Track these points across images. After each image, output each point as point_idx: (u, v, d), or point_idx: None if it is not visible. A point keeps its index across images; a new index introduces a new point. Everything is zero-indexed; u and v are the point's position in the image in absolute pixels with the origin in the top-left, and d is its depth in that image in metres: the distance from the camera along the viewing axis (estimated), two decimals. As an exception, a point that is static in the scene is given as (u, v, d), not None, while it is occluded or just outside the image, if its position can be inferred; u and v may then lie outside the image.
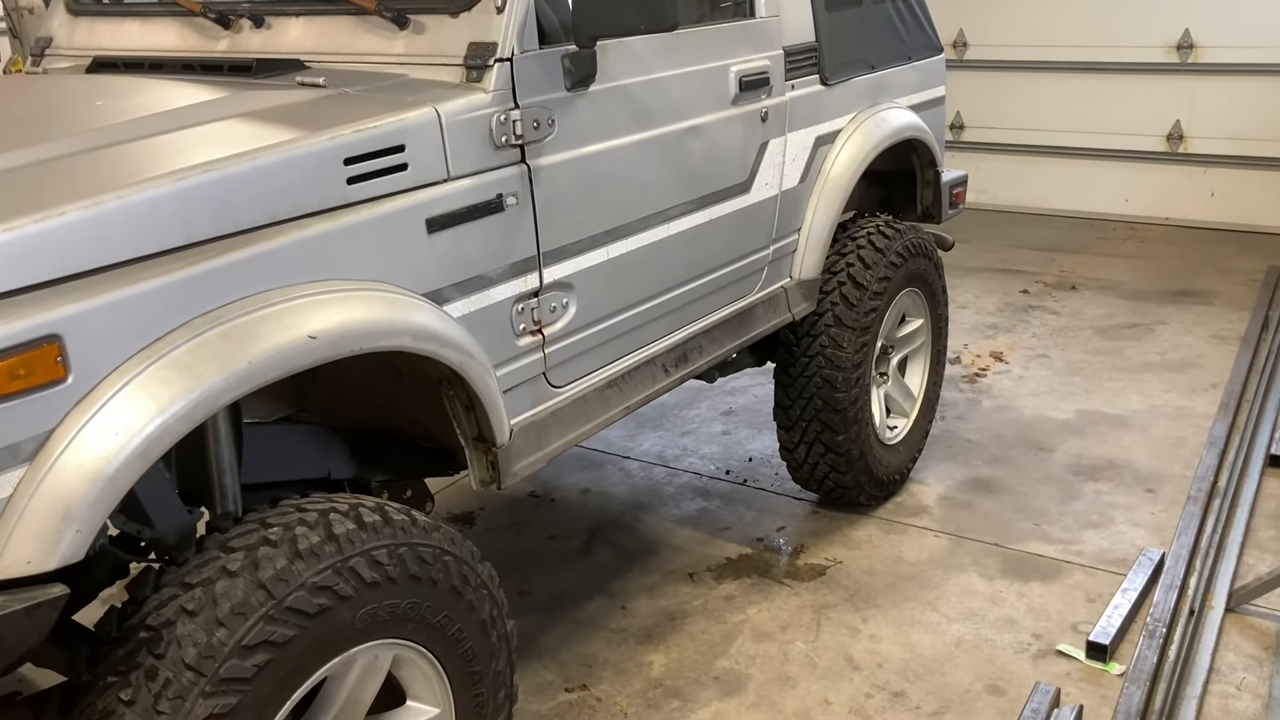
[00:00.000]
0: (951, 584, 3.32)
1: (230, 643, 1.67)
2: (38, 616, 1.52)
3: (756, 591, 3.32)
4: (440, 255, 2.14)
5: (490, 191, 2.22)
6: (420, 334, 2.04)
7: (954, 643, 3.04)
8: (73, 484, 1.55)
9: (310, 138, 1.95)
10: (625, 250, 2.60)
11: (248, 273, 1.81)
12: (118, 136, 1.98)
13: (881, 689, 2.86)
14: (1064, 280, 6.11)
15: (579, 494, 3.98)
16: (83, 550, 1.57)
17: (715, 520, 3.75)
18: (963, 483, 3.93)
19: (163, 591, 1.73)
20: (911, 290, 3.69)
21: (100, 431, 1.58)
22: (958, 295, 5.69)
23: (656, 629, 3.15)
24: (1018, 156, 7.51)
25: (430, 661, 2.02)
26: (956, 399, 4.62)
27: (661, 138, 2.65)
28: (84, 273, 1.64)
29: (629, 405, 2.72)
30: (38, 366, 1.54)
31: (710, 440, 4.36)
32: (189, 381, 1.66)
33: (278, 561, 1.75)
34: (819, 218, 3.31)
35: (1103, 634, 2.96)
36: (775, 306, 3.24)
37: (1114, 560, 3.40)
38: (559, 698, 2.87)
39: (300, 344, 1.81)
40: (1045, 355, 5.08)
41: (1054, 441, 4.23)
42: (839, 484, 3.60)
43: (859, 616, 3.17)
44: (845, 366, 3.38)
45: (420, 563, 1.94)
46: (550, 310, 2.43)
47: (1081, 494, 3.83)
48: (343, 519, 1.86)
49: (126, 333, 1.65)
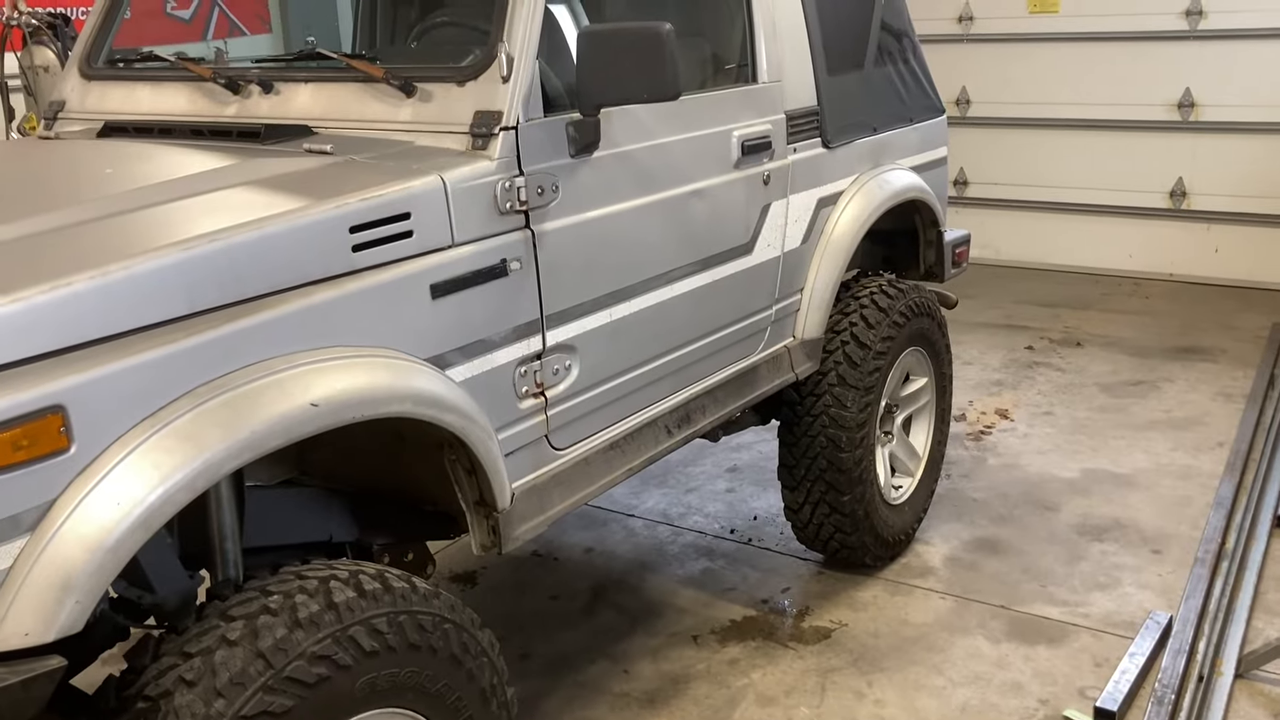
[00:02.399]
0: (957, 647, 3.29)
1: (229, 713, 1.66)
2: (34, 689, 1.51)
3: (761, 655, 3.29)
4: (444, 320, 2.15)
5: (494, 257, 2.24)
6: (422, 399, 2.04)
7: (959, 708, 3.00)
8: (73, 555, 1.55)
9: (316, 206, 1.97)
10: (628, 312, 2.61)
11: (251, 341, 1.82)
12: (126, 205, 2.00)
13: (887, 756, 2.83)
14: (1069, 336, 6.12)
15: (582, 553, 3.96)
16: (82, 621, 1.57)
17: (719, 580, 3.73)
18: (968, 543, 3.91)
19: (161, 661, 1.72)
20: (915, 349, 3.70)
21: (102, 502, 1.59)
22: (962, 351, 5.69)
23: (660, 693, 3.12)
24: (1021, 212, 7.56)
25: (429, 730, 2.00)
26: (962, 457, 4.61)
27: (664, 201, 2.67)
28: (88, 343, 1.65)
29: (631, 467, 2.72)
30: (41, 437, 1.55)
31: (715, 498, 4.34)
32: (191, 450, 1.67)
33: (277, 631, 1.74)
34: (821, 278, 3.33)
35: (1110, 700, 2.93)
36: (778, 366, 3.25)
37: (1121, 623, 3.37)
38: (560, 764, 2.84)
39: (303, 412, 1.82)
40: (1050, 412, 5.07)
41: (1060, 500, 4.21)
42: (844, 544, 3.58)
43: (864, 680, 3.14)
44: (850, 426, 3.38)
45: (420, 631, 1.93)
46: (553, 372, 2.44)
47: (1088, 554, 3.80)
48: (343, 587, 1.86)
49: (130, 402, 1.65)
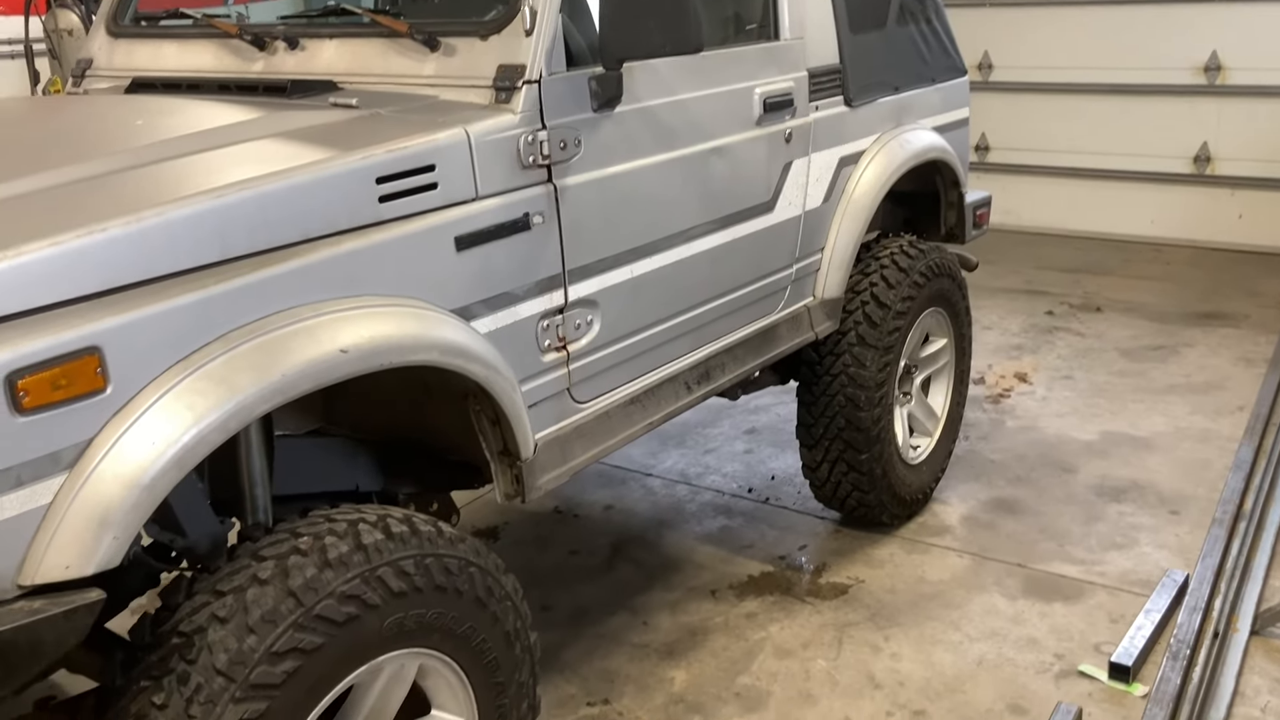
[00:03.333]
0: (974, 604, 3.32)
1: (260, 649, 1.71)
2: (75, 620, 1.56)
3: (778, 609, 3.33)
4: (468, 272, 2.18)
5: (517, 210, 2.26)
6: (448, 349, 2.08)
7: (976, 662, 3.04)
8: (111, 491, 1.60)
9: (343, 157, 1.99)
10: (649, 269, 2.63)
11: (282, 288, 1.85)
12: (157, 155, 2.04)
13: (902, 707, 2.86)
14: (1089, 302, 6.10)
15: (602, 510, 4.01)
16: (119, 556, 1.62)
17: (737, 538, 3.77)
18: (986, 503, 3.93)
19: (195, 599, 1.77)
20: (935, 310, 3.71)
21: (138, 441, 1.63)
22: (982, 316, 5.69)
23: (678, 645, 3.16)
24: (1043, 178, 7.52)
25: (455, 671, 2.04)
26: (980, 419, 4.62)
27: (686, 158, 2.69)
28: (124, 287, 1.68)
29: (651, 421, 2.75)
30: (78, 377, 1.59)
31: (733, 458, 4.38)
32: (224, 393, 1.71)
33: (307, 570, 1.79)
34: (842, 237, 3.34)
35: (1125, 655, 2.95)
36: (798, 325, 3.27)
37: (1137, 581, 3.39)
38: (581, 711, 2.89)
39: (332, 358, 1.85)
40: (1070, 376, 5.07)
41: (1078, 462, 4.22)
42: (861, 503, 3.61)
43: (881, 635, 3.18)
44: (868, 385, 3.40)
45: (446, 573, 1.97)
46: (575, 327, 2.47)
47: (1105, 515, 3.82)
48: (371, 529, 1.90)
49: (164, 345, 1.69)
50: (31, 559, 1.57)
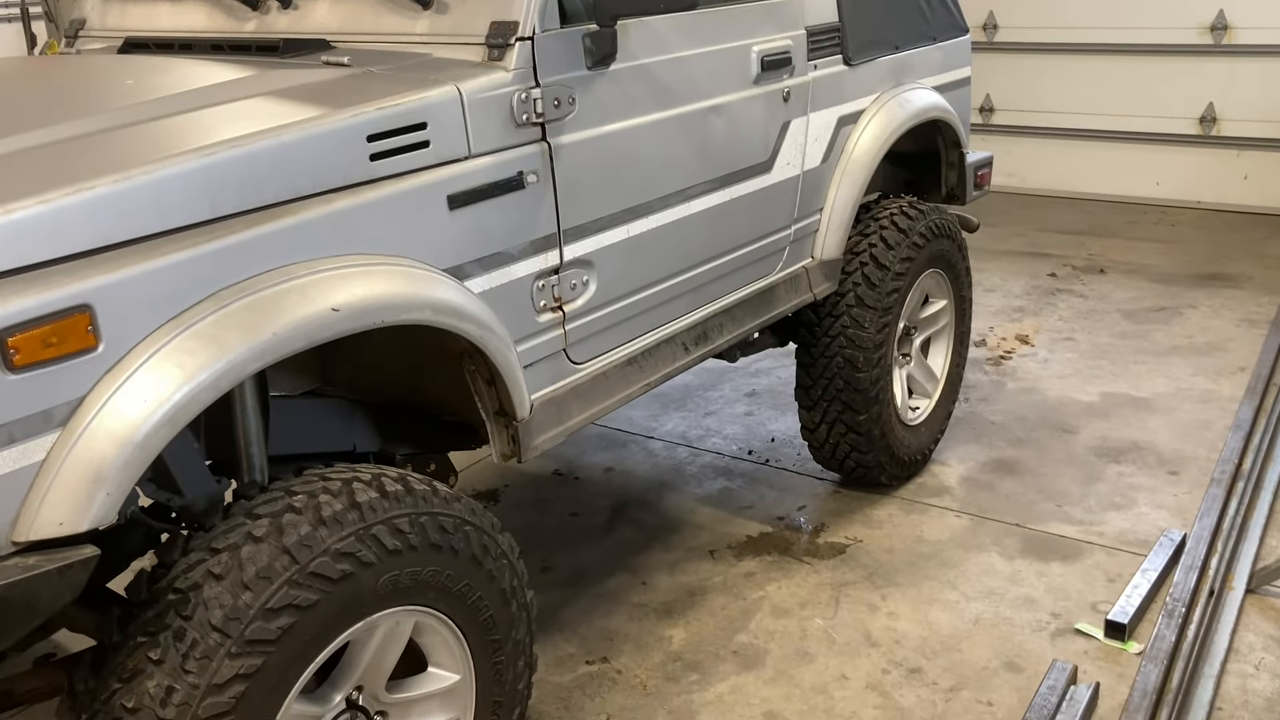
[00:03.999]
0: (971, 563, 3.33)
1: (255, 605, 1.72)
2: (70, 576, 1.57)
3: (776, 569, 3.34)
4: (461, 231, 2.17)
5: (511, 169, 2.25)
6: (441, 308, 2.07)
7: (972, 621, 3.06)
8: (103, 449, 1.60)
9: (334, 115, 1.98)
10: (645, 229, 2.62)
11: (272, 246, 1.85)
12: (147, 113, 2.03)
13: (899, 665, 2.88)
14: (1092, 264, 6.08)
15: (602, 473, 4.02)
16: (113, 514, 1.62)
17: (737, 499, 3.78)
18: (985, 464, 3.94)
19: (190, 556, 1.78)
20: (935, 271, 3.70)
21: (130, 399, 1.63)
22: (984, 278, 5.68)
23: (677, 604, 3.18)
24: (1048, 139, 7.47)
25: (451, 629, 2.06)
26: (981, 381, 4.62)
27: (682, 117, 2.67)
28: (114, 245, 1.68)
29: (649, 383, 2.75)
30: (69, 335, 1.59)
31: (733, 421, 4.38)
32: (215, 351, 1.71)
33: (302, 528, 1.79)
34: (841, 198, 3.32)
35: (1121, 613, 2.97)
36: (797, 286, 3.26)
37: (1135, 541, 3.40)
38: (580, 670, 2.91)
39: (323, 316, 1.85)
40: (1071, 338, 5.06)
41: (1078, 424, 4.22)
42: (860, 464, 3.62)
43: (878, 594, 3.20)
44: (867, 347, 3.39)
45: (441, 531, 1.98)
46: (570, 287, 2.46)
47: (1104, 476, 3.82)
48: (365, 488, 1.91)
49: (154, 303, 1.69)
50: (25, 516, 1.57)
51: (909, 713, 2.70)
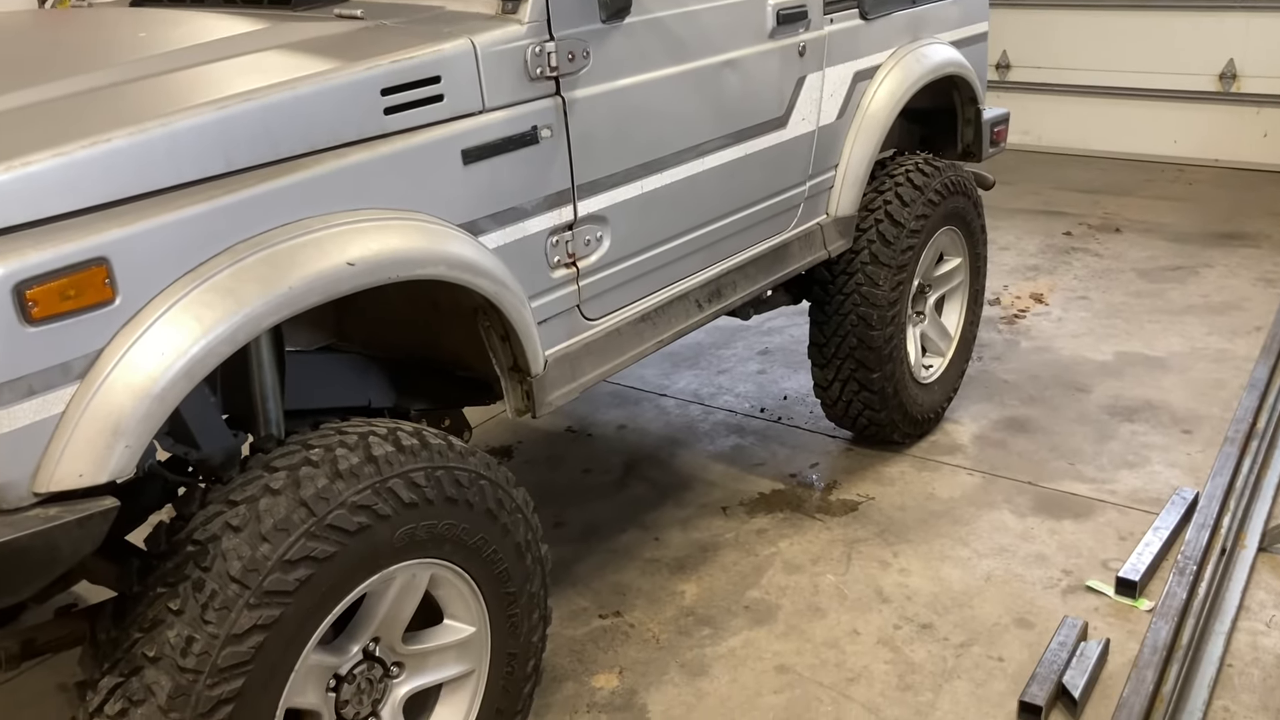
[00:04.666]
0: (983, 520, 3.34)
1: (273, 557, 1.73)
2: (90, 527, 1.58)
3: (788, 525, 3.36)
4: (476, 186, 2.17)
5: (525, 123, 2.23)
6: (456, 264, 2.07)
7: (983, 577, 3.07)
8: (122, 401, 1.61)
9: (348, 68, 1.97)
10: (659, 184, 2.61)
11: (287, 200, 1.84)
12: (160, 67, 2.02)
13: (910, 620, 2.90)
14: (1108, 222, 6.03)
15: (615, 430, 4.03)
16: (132, 466, 1.64)
17: (749, 456, 3.79)
18: (998, 422, 3.94)
19: (208, 508, 1.79)
20: (950, 229, 3.68)
21: (147, 352, 1.64)
22: (999, 237, 5.64)
23: (689, 560, 3.20)
24: (1064, 97, 7.38)
25: (466, 582, 2.08)
26: (995, 340, 4.60)
27: (697, 71, 2.64)
28: (129, 198, 1.68)
29: (662, 339, 2.75)
30: (87, 288, 1.59)
31: (746, 379, 4.38)
32: (231, 305, 1.71)
33: (319, 481, 1.81)
34: (857, 154, 3.30)
35: (1132, 570, 2.98)
36: (811, 244, 3.24)
37: (1147, 500, 3.40)
38: (593, 623, 2.94)
39: (339, 270, 1.85)
40: (1086, 297, 5.04)
41: (1091, 383, 4.21)
42: (873, 421, 3.62)
43: (889, 551, 3.21)
44: (881, 304, 3.38)
45: (456, 485, 1.99)
46: (584, 243, 2.45)
47: (1117, 434, 3.82)
48: (381, 441, 1.92)
49: (171, 257, 1.69)
50: (46, 467, 1.59)
51: (920, 667, 2.72)
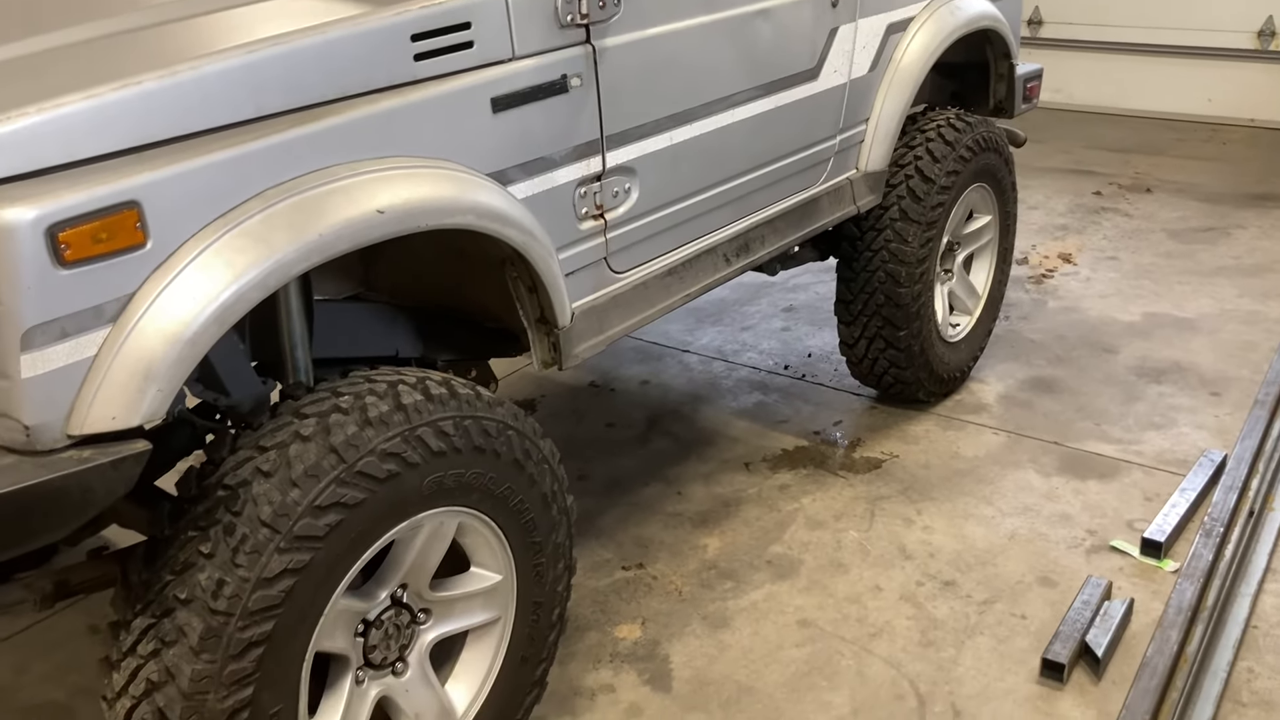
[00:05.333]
0: (1008, 480, 3.33)
1: (304, 503, 1.74)
2: (123, 470, 1.59)
3: (811, 482, 3.36)
4: (504, 135, 2.15)
5: (555, 72, 2.21)
6: (484, 213, 2.06)
7: (1007, 536, 3.06)
8: (153, 346, 1.61)
9: (378, 13, 1.95)
10: (689, 136, 2.58)
11: (317, 147, 1.83)
12: (189, 10, 2.00)
13: (933, 578, 2.90)
14: (1139, 182, 5.95)
15: (638, 385, 4.03)
16: (163, 410, 1.64)
17: (772, 413, 3.78)
18: (1024, 382, 3.91)
19: (239, 454, 1.80)
20: (980, 186, 3.63)
21: (179, 296, 1.64)
22: (1028, 196, 5.58)
23: (712, 514, 3.21)
24: (1097, 54, 7.26)
25: (493, 531, 2.09)
26: (1022, 299, 4.57)
27: (728, 21, 2.61)
28: (160, 142, 1.67)
29: (689, 293, 2.73)
30: (118, 231, 1.59)
31: (770, 336, 4.37)
32: (262, 250, 1.71)
33: (348, 428, 1.81)
34: (888, 108, 3.25)
35: (1158, 531, 2.96)
36: (840, 198, 3.21)
37: (1174, 461, 3.38)
38: (616, 575, 2.95)
39: (368, 218, 1.84)
40: (1115, 257, 4.98)
41: (1119, 343, 4.17)
42: (898, 380, 3.60)
43: (913, 508, 3.20)
44: (909, 261, 3.35)
45: (484, 435, 1.99)
46: (613, 195, 2.44)
47: (1144, 395, 3.79)
48: (411, 390, 1.92)
49: (202, 201, 1.68)
50: (79, 410, 1.59)
51: (942, 623, 2.73)
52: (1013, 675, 2.55)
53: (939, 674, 2.57)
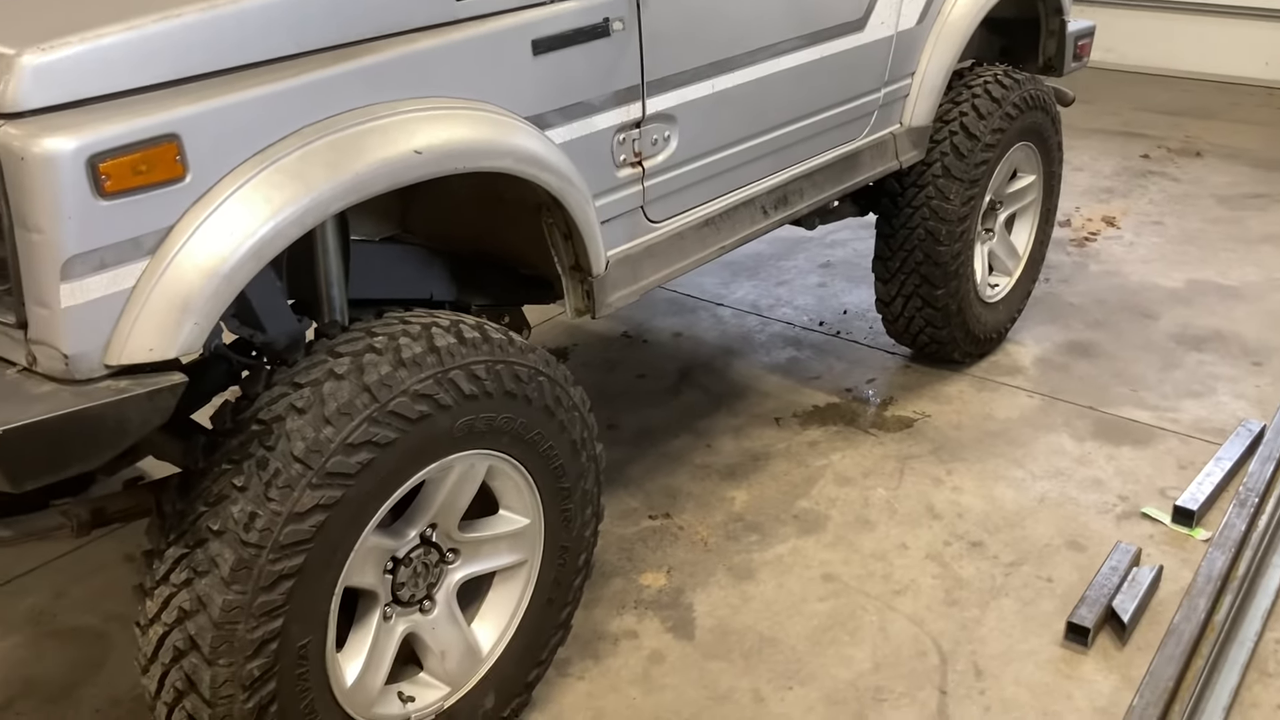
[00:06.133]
0: (1040, 443, 3.30)
1: (336, 440, 1.76)
2: (158, 401, 1.61)
3: (841, 439, 3.35)
4: (544, 78, 2.13)
5: (597, 15, 2.18)
6: (522, 157, 2.05)
7: (1037, 499, 3.05)
8: (191, 279, 1.62)
9: (420, -49, 1.93)
10: (730, 84, 2.55)
11: (356, 85, 1.82)
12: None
13: (960, 538, 2.89)
14: (1188, 146, 5.83)
15: (670, 337, 4.02)
16: (199, 343, 1.66)
17: (805, 369, 3.77)
18: (1061, 345, 3.87)
19: (273, 390, 1.82)
20: (1025, 145, 3.57)
21: (217, 230, 1.64)
22: (1074, 157, 5.48)
23: (740, 467, 3.21)
24: (1151, 13, 7.09)
25: (522, 475, 2.10)
26: (1063, 262, 4.50)
27: (775, -33, 2.56)
28: (200, 76, 1.67)
29: (725, 245, 2.71)
30: (158, 164, 1.59)
31: (805, 291, 4.34)
32: (300, 188, 1.71)
33: (382, 368, 1.82)
34: (935, 62, 3.20)
35: (1191, 500, 2.94)
36: (882, 153, 3.17)
37: (1211, 430, 3.34)
38: (643, 524, 2.97)
39: (405, 158, 1.84)
40: (1160, 222, 4.90)
41: (1160, 310, 4.11)
42: (934, 339, 3.57)
43: (943, 468, 3.19)
44: (950, 219, 3.31)
45: (516, 380, 2.00)
46: (651, 142, 2.41)
47: (1183, 363, 3.74)
48: (444, 333, 1.92)
49: (241, 136, 1.68)
50: (117, 341, 1.61)
51: (967, 583, 2.72)
52: (1036, 637, 2.55)
53: (962, 633, 2.57)
